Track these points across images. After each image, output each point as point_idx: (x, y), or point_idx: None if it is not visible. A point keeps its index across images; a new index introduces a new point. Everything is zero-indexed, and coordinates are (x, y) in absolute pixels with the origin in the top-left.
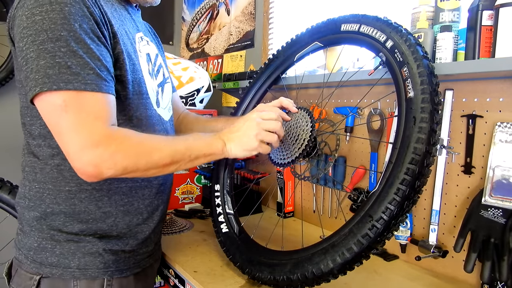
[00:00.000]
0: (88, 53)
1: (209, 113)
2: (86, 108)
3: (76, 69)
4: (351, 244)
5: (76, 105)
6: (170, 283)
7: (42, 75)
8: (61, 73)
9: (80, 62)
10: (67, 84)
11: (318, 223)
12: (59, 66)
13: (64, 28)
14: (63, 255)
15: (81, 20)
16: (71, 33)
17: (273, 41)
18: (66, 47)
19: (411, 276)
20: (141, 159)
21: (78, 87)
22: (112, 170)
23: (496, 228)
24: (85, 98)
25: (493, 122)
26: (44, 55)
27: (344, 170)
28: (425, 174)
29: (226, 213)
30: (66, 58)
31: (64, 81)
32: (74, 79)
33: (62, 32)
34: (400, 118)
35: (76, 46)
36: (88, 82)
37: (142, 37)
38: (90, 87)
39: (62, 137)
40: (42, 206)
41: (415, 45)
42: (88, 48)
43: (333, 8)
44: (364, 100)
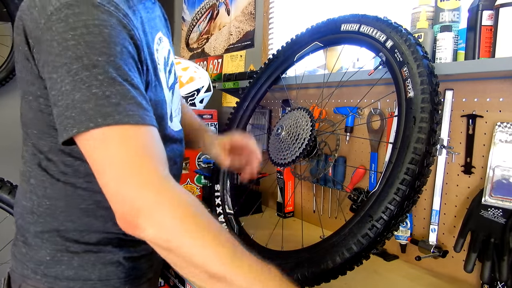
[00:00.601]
0: (127, 81)
1: (209, 113)
2: (132, 142)
3: (116, 98)
4: (351, 244)
5: (119, 140)
6: (170, 283)
7: (78, 112)
8: (98, 106)
9: (120, 90)
10: (105, 118)
11: (318, 223)
12: (96, 97)
13: (102, 52)
14: (82, 267)
15: (122, 43)
16: (111, 57)
17: (273, 41)
18: (103, 74)
19: (411, 276)
20: (193, 243)
21: (120, 120)
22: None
23: (496, 228)
24: (128, 132)
25: (493, 122)
26: (79, 87)
27: (344, 170)
28: (425, 174)
29: (226, 213)
30: (103, 87)
31: (102, 115)
32: (114, 110)
33: (100, 57)
34: (400, 118)
35: (115, 72)
36: (130, 113)
37: (161, 37)
38: (133, 119)
39: (103, 174)
40: (54, 224)
41: (415, 45)
42: (127, 75)
43: (333, 8)
44: (364, 100)
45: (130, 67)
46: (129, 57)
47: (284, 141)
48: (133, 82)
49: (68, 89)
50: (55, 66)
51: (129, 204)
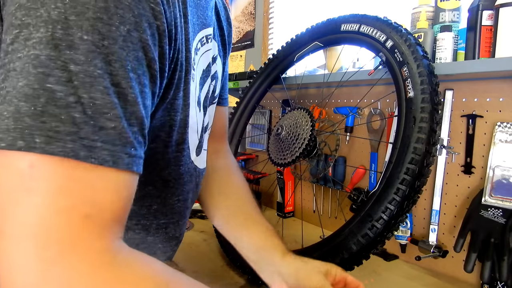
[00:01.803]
0: (119, 86)
1: None
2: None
3: (83, 113)
4: (351, 244)
5: (54, 190)
6: None
7: (10, 112)
8: (45, 115)
9: (97, 100)
10: (49, 141)
11: (318, 223)
12: (48, 97)
13: (94, 27)
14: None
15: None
16: (106, 41)
17: (273, 41)
18: (80, 65)
19: (411, 276)
20: None
21: (72, 153)
22: None
23: (496, 228)
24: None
25: (493, 122)
26: (28, 69)
27: (344, 170)
28: (425, 174)
29: None
30: (69, 87)
31: (46, 133)
32: (70, 132)
33: (87, 35)
34: (400, 118)
35: (104, 67)
36: (97, 144)
37: (207, 36)
38: (97, 155)
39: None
40: None
41: (415, 45)
42: (124, 76)
43: (333, 8)
44: (364, 100)
45: (135, 65)
46: (139, 47)
47: (284, 141)
48: (129, 91)
49: (17, 68)
50: (12, 23)
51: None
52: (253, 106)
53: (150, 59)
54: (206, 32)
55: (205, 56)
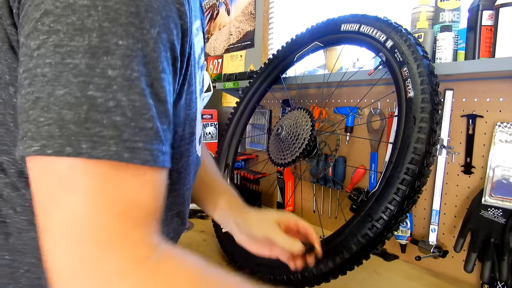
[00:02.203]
0: (153, 87)
1: (209, 113)
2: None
3: (124, 116)
4: (351, 244)
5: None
6: None
7: (53, 119)
8: (89, 121)
9: (136, 102)
10: (95, 146)
11: (318, 223)
12: (91, 105)
13: (128, 32)
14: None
15: (163, 23)
16: (140, 43)
17: (273, 41)
18: (118, 69)
19: (411, 276)
20: None
21: (117, 156)
22: None
23: (496, 228)
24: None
25: (493, 122)
26: (68, 78)
27: (344, 170)
28: (425, 174)
29: None
30: (110, 92)
31: (91, 139)
32: (114, 136)
33: (122, 40)
34: (400, 118)
35: (140, 70)
36: (138, 145)
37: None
38: (140, 156)
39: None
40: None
41: (415, 45)
42: (156, 78)
43: (333, 8)
44: (364, 100)
45: (165, 66)
46: (167, 48)
47: (284, 141)
48: (160, 91)
49: (48, 74)
50: (38, 28)
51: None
52: (253, 106)
53: (175, 58)
54: (197, 24)
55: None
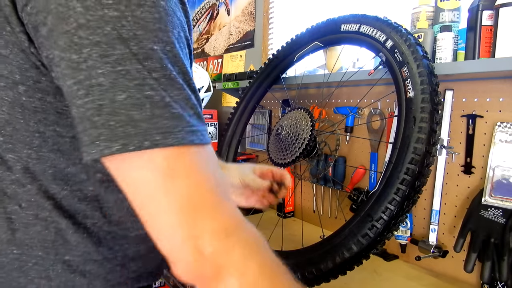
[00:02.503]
0: (185, 80)
1: (209, 113)
2: (200, 172)
3: (177, 108)
4: (351, 244)
5: (185, 169)
6: (170, 283)
7: (124, 121)
8: (155, 117)
9: (182, 95)
10: (166, 136)
11: (318, 223)
12: (152, 103)
13: (158, 37)
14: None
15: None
16: (168, 46)
17: (273, 41)
18: (160, 71)
19: (411, 276)
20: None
21: (183, 139)
22: (238, 275)
23: (496, 228)
24: (194, 156)
25: (493, 122)
26: (125, 84)
27: (344, 170)
28: (425, 174)
29: None
30: (161, 90)
31: (161, 130)
32: (176, 126)
33: (156, 44)
34: (400, 118)
35: (172, 68)
36: (193, 128)
37: None
38: (197, 137)
39: (164, 219)
40: (20, 280)
41: (415, 45)
42: (184, 71)
43: (333, 8)
44: (364, 100)
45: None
46: (185, 45)
47: (284, 141)
48: (191, 82)
49: (104, 83)
50: (75, 42)
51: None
52: (253, 106)
53: (190, 52)
54: None
55: None
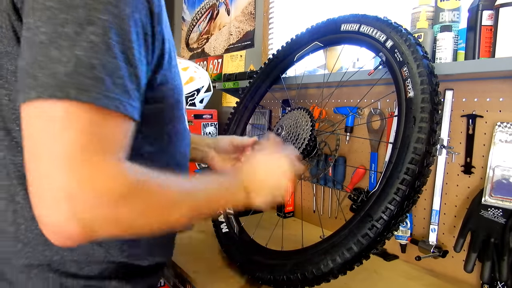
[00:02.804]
0: (125, 54)
1: (209, 113)
2: (98, 132)
3: (101, 72)
4: (351, 244)
5: (84, 125)
6: (170, 283)
7: (48, 73)
8: (76, 74)
9: (111, 63)
10: (80, 92)
11: (318, 223)
12: (77, 61)
13: (107, 10)
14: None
15: (135, 4)
16: (116, 19)
17: (273, 41)
18: (100, 36)
19: (411, 276)
20: (155, 218)
21: (97, 100)
22: (110, 230)
23: (496, 228)
24: (100, 118)
25: (493, 122)
26: (60, 42)
27: (344, 170)
28: (425, 174)
29: (226, 213)
30: (92, 53)
31: (77, 86)
32: (94, 86)
33: (103, 15)
34: (400, 118)
35: (115, 39)
36: (111, 95)
37: None
38: (112, 103)
39: (40, 165)
40: (45, 253)
41: (415, 45)
42: (129, 47)
43: (333, 8)
44: (364, 100)
45: (137, 36)
46: (140, 25)
47: (284, 141)
48: (131, 58)
49: (44, 40)
50: (35, 8)
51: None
52: (253, 106)
53: (146, 34)
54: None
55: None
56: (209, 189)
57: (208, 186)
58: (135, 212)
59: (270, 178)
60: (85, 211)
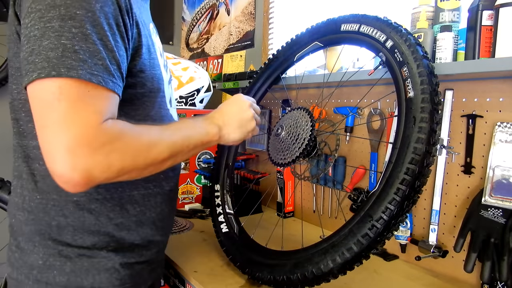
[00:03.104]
0: (102, 40)
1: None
2: (85, 100)
3: (84, 55)
4: (351, 244)
5: (74, 95)
6: (170, 283)
7: (42, 58)
8: (64, 57)
9: (90, 48)
10: (69, 70)
11: (318, 223)
12: (64, 48)
13: (81, 6)
14: (74, 273)
15: (104, 1)
16: (89, 13)
17: (273, 41)
18: (78, 28)
19: (411, 276)
20: (139, 156)
21: (82, 75)
22: (106, 174)
23: (496, 228)
24: (86, 90)
25: (493, 122)
26: (48, 34)
27: (344, 170)
28: (425, 174)
29: (226, 213)
30: (74, 41)
31: (66, 66)
32: (79, 66)
33: (79, 11)
34: (400, 118)
35: (91, 29)
36: (94, 72)
37: (153, 28)
38: (95, 78)
39: (47, 131)
40: (45, 219)
41: (415, 45)
42: (103, 35)
43: (333, 8)
44: (364, 100)
45: (109, 27)
46: (111, 16)
47: (284, 141)
48: (108, 44)
49: (37, 34)
50: (29, 11)
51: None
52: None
53: (118, 24)
54: (151, 24)
55: (158, 43)
56: (183, 128)
57: (182, 126)
58: (122, 154)
59: (236, 114)
60: (83, 161)
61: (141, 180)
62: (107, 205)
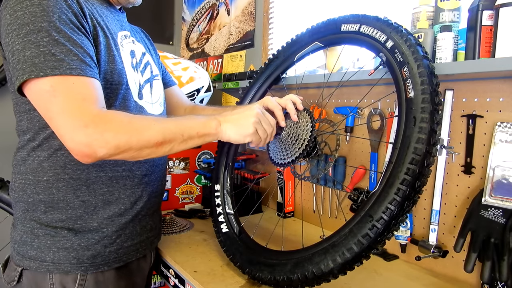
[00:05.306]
0: (70, 41)
1: None
2: (73, 91)
3: (60, 55)
4: (351, 244)
5: (64, 89)
6: (170, 283)
7: (29, 64)
8: (46, 61)
9: (63, 49)
10: (53, 70)
11: (318, 223)
12: (44, 54)
13: (44, 19)
14: (40, 248)
15: (59, 12)
16: (51, 24)
17: (273, 41)
18: (48, 37)
19: (411, 276)
20: (132, 137)
21: (64, 72)
22: (105, 149)
23: (496, 228)
24: (71, 82)
25: (493, 122)
26: (29, 46)
27: (344, 170)
28: (425, 174)
29: (226, 213)
30: (49, 47)
31: (50, 67)
32: (59, 65)
33: (43, 24)
34: (400, 118)
35: (57, 35)
36: (73, 67)
37: (127, 35)
38: (75, 71)
39: (54, 121)
40: (24, 197)
41: (415, 45)
42: (69, 37)
43: (333, 8)
44: (364, 100)
45: (71, 30)
46: (69, 22)
47: (284, 141)
48: (76, 42)
49: (19, 48)
50: (7, 33)
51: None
52: None
53: (78, 27)
54: (124, 32)
55: (128, 45)
56: (181, 119)
57: (182, 117)
58: (115, 133)
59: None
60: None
61: (109, 163)
62: (73, 184)
